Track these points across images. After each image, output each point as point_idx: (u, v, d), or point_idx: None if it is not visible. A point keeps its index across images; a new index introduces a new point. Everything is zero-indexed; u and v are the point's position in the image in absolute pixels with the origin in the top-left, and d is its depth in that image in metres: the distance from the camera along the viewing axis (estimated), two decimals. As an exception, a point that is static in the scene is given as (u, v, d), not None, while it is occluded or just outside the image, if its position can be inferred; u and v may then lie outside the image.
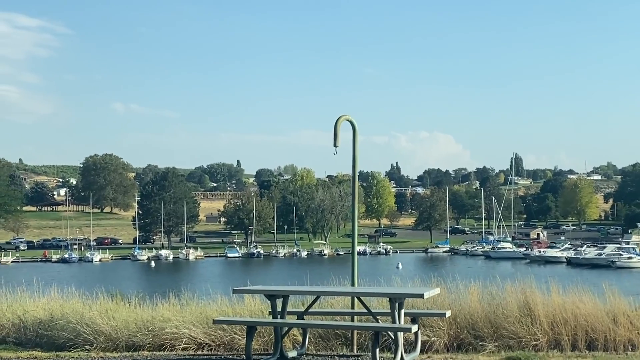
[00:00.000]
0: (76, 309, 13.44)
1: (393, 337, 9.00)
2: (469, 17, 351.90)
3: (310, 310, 10.18)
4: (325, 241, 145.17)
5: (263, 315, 13.22)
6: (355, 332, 10.41)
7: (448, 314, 10.26)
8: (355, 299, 10.27)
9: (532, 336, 10.81)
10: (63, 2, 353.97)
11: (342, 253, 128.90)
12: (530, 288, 11.71)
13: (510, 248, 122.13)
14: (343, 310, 11.08)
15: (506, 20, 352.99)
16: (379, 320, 9.48)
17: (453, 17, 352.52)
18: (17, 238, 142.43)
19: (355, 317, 10.28)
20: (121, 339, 12.17)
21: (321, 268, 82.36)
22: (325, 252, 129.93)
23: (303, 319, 10.04)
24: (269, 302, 9.79)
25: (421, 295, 8.97)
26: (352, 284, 10.19)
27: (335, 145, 10.07)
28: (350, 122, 10.43)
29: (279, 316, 9.70)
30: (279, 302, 9.68)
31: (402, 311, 8.93)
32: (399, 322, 8.89)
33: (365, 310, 9.45)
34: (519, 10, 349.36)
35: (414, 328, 8.89)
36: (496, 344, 10.81)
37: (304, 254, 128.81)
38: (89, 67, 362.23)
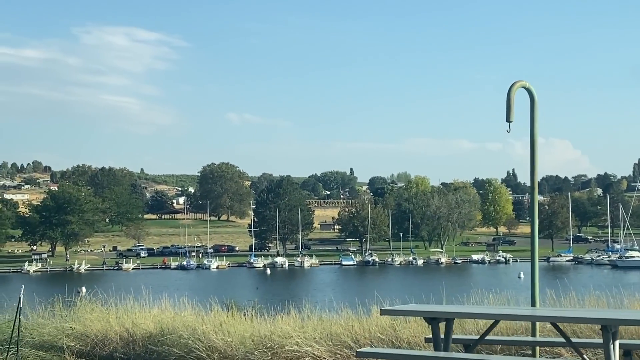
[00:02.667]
0: (188, 322, 12.47)
1: None
2: (584, 17, 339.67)
3: (485, 338, 7.85)
4: (442, 249, 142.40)
5: (395, 334, 11.71)
6: None
7: None
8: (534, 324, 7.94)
9: None
10: (180, 16, 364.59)
11: (459, 261, 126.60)
12: None
13: (639, 257, 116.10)
14: (521, 338, 8.87)
15: (625, 19, 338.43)
16: (585, 356, 7.23)
17: (568, 19, 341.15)
18: (138, 245, 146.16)
19: (537, 347, 8.04)
20: (237, 357, 11.22)
21: (444, 277, 79.92)
22: (442, 260, 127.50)
23: (474, 350, 7.90)
24: (429, 325, 7.64)
25: None
26: (533, 304, 7.99)
27: (509, 121, 8.07)
28: (528, 89, 8.39)
29: (442, 345, 7.56)
30: (442, 327, 7.52)
31: (617, 342, 6.68)
32: (615, 358, 6.72)
33: (553, 339, 7.36)
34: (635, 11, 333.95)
35: None
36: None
37: (420, 262, 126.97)
38: (204, 78, 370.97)
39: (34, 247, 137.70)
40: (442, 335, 7.35)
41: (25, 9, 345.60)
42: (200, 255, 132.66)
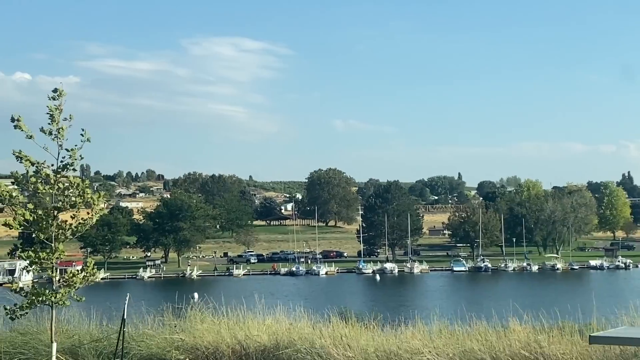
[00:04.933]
0: (305, 334, 11.32)
1: None
2: None
3: None
4: (557, 254, 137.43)
5: (542, 351, 10.39)
6: None
7: None
8: None
9: None
10: (285, 25, 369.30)
11: (576, 267, 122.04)
12: None
13: None
14: None
15: None
16: None
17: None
18: (248, 251, 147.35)
19: None
20: (361, 375, 9.85)
21: (566, 285, 76.94)
22: (558, 266, 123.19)
23: None
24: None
25: None
26: None
27: None
28: None
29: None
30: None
31: None
32: None
33: None
34: None
35: None
36: None
37: (534, 268, 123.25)
38: (310, 85, 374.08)
39: (148, 254, 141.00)
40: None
41: (136, 23, 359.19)
42: (309, 261, 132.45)
